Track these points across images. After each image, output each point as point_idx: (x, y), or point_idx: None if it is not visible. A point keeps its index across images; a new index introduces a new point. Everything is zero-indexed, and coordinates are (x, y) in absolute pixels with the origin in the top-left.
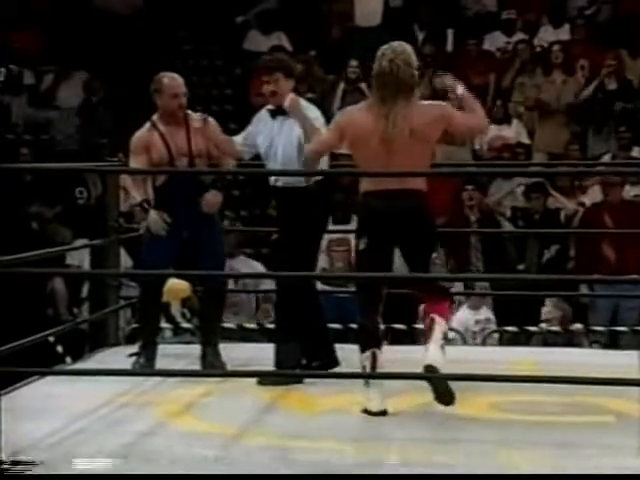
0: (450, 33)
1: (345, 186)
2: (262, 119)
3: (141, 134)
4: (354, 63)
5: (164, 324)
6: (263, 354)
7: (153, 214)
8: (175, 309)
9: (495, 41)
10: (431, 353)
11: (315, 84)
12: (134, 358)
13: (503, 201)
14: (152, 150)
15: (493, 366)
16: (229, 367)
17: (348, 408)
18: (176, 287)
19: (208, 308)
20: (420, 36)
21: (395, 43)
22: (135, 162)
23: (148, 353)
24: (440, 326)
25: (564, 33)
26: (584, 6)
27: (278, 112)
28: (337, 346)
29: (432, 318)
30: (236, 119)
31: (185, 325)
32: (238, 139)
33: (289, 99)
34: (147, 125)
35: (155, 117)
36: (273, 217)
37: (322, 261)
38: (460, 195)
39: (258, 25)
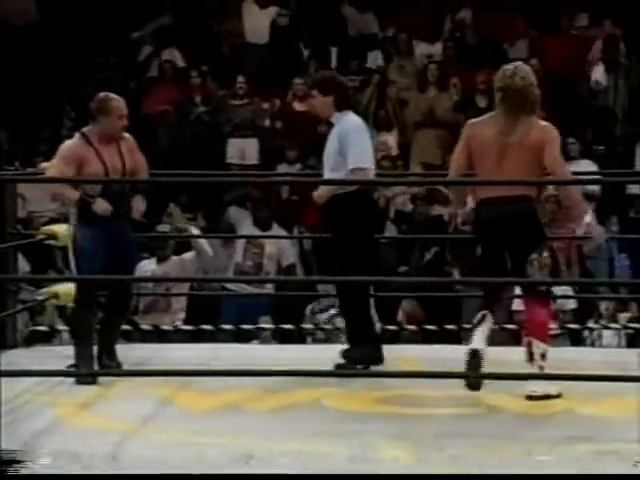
0: (334, 51)
1: None
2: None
3: (75, 147)
4: (241, 79)
5: (62, 326)
6: (156, 354)
7: (98, 201)
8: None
9: (375, 59)
10: (534, 384)
11: (208, 98)
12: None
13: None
14: (87, 165)
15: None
16: (124, 367)
17: (239, 404)
18: (71, 290)
19: (112, 312)
20: (306, 53)
21: (518, 63)
22: (62, 170)
23: (85, 358)
24: (538, 349)
25: (437, 53)
26: (452, 28)
27: (326, 124)
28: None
29: (529, 342)
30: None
31: None
32: None
33: (314, 196)
34: (78, 138)
35: (87, 131)
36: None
37: (238, 255)
38: None
39: (152, 41)
